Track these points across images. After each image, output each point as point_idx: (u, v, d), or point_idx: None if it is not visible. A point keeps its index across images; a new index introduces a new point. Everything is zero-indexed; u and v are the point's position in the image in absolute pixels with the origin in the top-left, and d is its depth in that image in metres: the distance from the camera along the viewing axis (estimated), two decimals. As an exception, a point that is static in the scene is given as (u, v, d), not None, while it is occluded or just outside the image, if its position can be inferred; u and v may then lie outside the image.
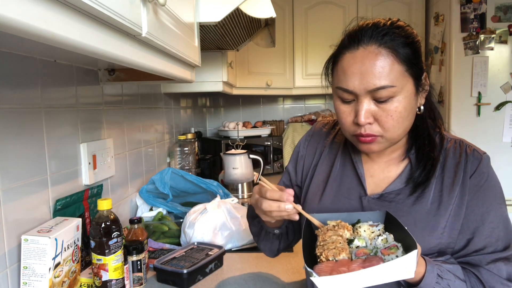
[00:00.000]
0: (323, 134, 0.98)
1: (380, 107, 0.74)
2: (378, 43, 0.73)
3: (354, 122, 0.77)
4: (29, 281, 0.84)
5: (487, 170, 0.79)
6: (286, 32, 2.80)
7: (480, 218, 0.78)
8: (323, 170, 0.93)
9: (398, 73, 0.73)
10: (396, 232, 0.69)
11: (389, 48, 0.73)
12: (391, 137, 0.77)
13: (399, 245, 0.66)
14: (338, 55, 0.78)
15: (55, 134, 1.02)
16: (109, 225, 0.93)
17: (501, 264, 0.76)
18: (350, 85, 0.74)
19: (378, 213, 0.76)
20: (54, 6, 0.43)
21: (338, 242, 0.67)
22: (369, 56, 0.72)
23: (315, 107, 3.25)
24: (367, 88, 0.73)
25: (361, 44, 0.74)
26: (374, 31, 0.74)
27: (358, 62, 0.73)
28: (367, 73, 0.72)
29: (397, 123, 0.75)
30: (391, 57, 0.72)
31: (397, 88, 0.72)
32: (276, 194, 0.76)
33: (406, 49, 0.74)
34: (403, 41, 0.74)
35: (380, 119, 0.74)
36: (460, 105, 2.46)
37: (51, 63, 1.02)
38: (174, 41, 0.84)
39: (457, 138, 0.86)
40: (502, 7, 2.41)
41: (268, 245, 1.00)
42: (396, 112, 0.74)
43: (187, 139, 2.06)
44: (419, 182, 0.80)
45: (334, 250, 0.65)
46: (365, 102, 0.74)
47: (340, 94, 0.78)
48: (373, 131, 0.76)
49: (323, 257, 0.65)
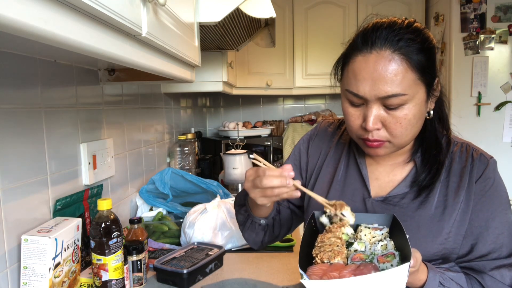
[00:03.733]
0: (328, 134, 0.96)
1: (389, 113, 0.72)
2: (393, 48, 0.70)
3: (362, 126, 0.75)
4: (29, 281, 0.84)
5: (494, 175, 0.78)
6: (286, 32, 2.80)
7: (485, 224, 0.76)
8: (328, 171, 0.91)
9: (411, 81, 0.70)
10: (398, 239, 0.68)
11: (403, 54, 0.69)
12: (399, 143, 0.76)
13: (397, 254, 0.65)
14: (349, 56, 0.75)
15: (55, 134, 1.02)
16: (109, 225, 0.93)
17: (505, 270, 0.75)
18: (361, 90, 0.72)
19: (384, 216, 0.75)
20: (54, 6, 0.43)
21: (335, 245, 0.67)
22: (382, 62, 0.69)
23: (315, 107, 3.25)
24: (378, 95, 0.70)
25: (374, 48, 0.70)
26: (389, 34, 0.70)
27: (370, 67, 0.70)
28: (379, 80, 0.69)
29: (405, 130, 0.73)
30: (405, 64, 0.69)
31: (408, 96, 0.70)
32: (275, 172, 0.74)
33: (420, 56, 0.71)
34: (418, 47, 0.71)
35: (389, 126, 0.73)
36: (460, 105, 2.46)
37: (51, 63, 1.02)
38: (174, 41, 0.84)
39: (464, 141, 0.84)
40: (502, 7, 2.41)
41: (252, 235, 0.98)
42: (406, 120, 0.72)
43: (187, 139, 2.06)
44: (424, 185, 0.79)
45: (330, 253, 0.64)
46: (375, 108, 0.72)
47: (349, 97, 0.76)
48: (380, 136, 0.74)
49: (318, 259, 0.65)
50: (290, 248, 1.35)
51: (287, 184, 0.73)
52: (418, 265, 0.67)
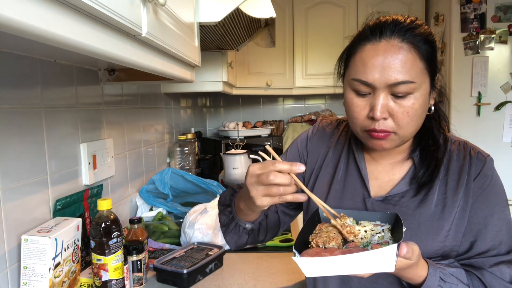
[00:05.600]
0: (327, 134, 0.95)
1: (397, 102, 0.72)
2: (401, 37, 0.72)
3: (368, 116, 0.75)
4: (29, 281, 0.84)
5: (491, 172, 0.79)
6: (286, 32, 2.80)
7: (483, 221, 0.77)
8: (328, 172, 0.91)
9: (419, 70, 0.72)
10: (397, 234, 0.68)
11: (411, 43, 0.72)
12: (404, 134, 0.75)
13: (391, 242, 0.65)
14: (356, 46, 0.76)
15: (55, 134, 1.02)
16: (109, 225, 0.93)
17: (504, 267, 0.75)
18: (370, 78, 0.72)
19: (387, 215, 0.74)
20: (54, 6, 0.43)
21: (332, 232, 0.68)
22: (392, 50, 0.71)
23: (315, 107, 3.24)
24: (388, 82, 0.71)
25: (383, 37, 0.72)
26: (396, 26, 0.72)
27: (380, 54, 0.71)
28: (389, 67, 0.70)
29: (411, 121, 0.73)
30: (414, 52, 0.71)
31: (416, 85, 0.71)
32: (285, 166, 0.69)
33: (427, 46, 0.73)
34: (423, 38, 0.73)
35: (396, 115, 0.73)
36: (460, 105, 2.46)
37: (51, 63, 1.02)
38: (174, 41, 0.84)
39: (461, 140, 0.85)
40: (502, 7, 2.41)
41: (235, 238, 0.93)
42: (413, 109, 0.72)
43: (187, 139, 2.06)
44: (423, 182, 0.79)
45: (325, 238, 0.66)
46: (382, 96, 0.72)
47: (356, 86, 0.75)
48: (387, 127, 0.74)
49: (314, 243, 0.66)
50: (290, 248, 1.35)
51: (292, 183, 0.69)
52: (415, 257, 0.66)
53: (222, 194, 0.97)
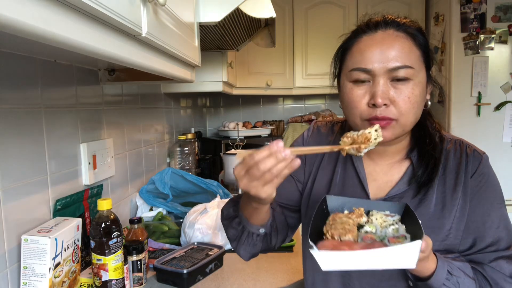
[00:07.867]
0: (322, 136, 0.94)
1: (397, 88, 0.73)
2: (396, 28, 0.75)
3: (369, 104, 0.74)
4: (29, 281, 0.84)
5: (487, 170, 0.79)
6: (286, 32, 2.80)
7: (482, 219, 0.78)
8: (325, 174, 0.90)
9: (416, 57, 0.74)
10: (410, 225, 0.67)
11: (407, 33, 0.75)
12: (405, 123, 0.75)
13: (408, 236, 0.64)
14: (352, 40, 0.79)
15: (55, 134, 1.02)
16: (109, 225, 0.93)
17: (503, 262, 0.76)
18: (369, 64, 0.73)
19: (396, 205, 0.73)
20: (54, 6, 0.43)
21: (347, 223, 0.66)
22: (389, 38, 0.74)
23: (315, 107, 3.24)
24: (387, 66, 0.72)
25: (379, 28, 0.76)
26: (390, 20, 0.76)
27: (377, 42, 0.74)
28: (388, 52, 0.73)
29: (412, 108, 0.74)
30: (410, 40, 0.74)
31: (414, 71, 0.73)
32: (264, 152, 0.63)
33: (422, 37, 0.76)
34: (418, 29, 0.77)
35: (397, 101, 0.73)
36: (460, 105, 2.46)
37: (51, 63, 1.02)
38: (174, 41, 0.84)
39: (457, 138, 0.85)
40: (502, 7, 2.41)
41: (248, 248, 0.88)
42: (413, 95, 0.73)
43: (187, 139, 2.06)
44: (422, 182, 0.79)
45: (341, 230, 0.64)
46: (382, 83, 0.73)
47: (354, 75, 0.76)
48: (389, 113, 0.73)
49: (329, 235, 0.64)
50: (290, 248, 1.35)
51: (284, 157, 0.63)
52: (429, 251, 0.66)
53: (223, 209, 0.91)
